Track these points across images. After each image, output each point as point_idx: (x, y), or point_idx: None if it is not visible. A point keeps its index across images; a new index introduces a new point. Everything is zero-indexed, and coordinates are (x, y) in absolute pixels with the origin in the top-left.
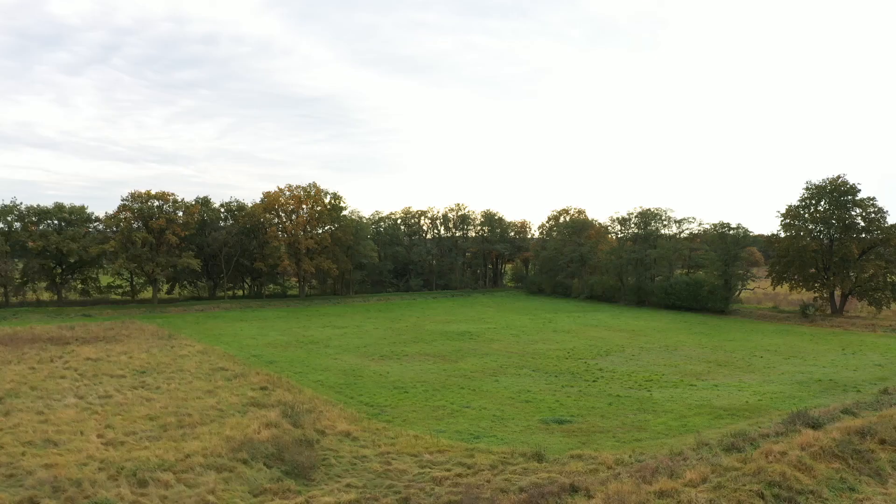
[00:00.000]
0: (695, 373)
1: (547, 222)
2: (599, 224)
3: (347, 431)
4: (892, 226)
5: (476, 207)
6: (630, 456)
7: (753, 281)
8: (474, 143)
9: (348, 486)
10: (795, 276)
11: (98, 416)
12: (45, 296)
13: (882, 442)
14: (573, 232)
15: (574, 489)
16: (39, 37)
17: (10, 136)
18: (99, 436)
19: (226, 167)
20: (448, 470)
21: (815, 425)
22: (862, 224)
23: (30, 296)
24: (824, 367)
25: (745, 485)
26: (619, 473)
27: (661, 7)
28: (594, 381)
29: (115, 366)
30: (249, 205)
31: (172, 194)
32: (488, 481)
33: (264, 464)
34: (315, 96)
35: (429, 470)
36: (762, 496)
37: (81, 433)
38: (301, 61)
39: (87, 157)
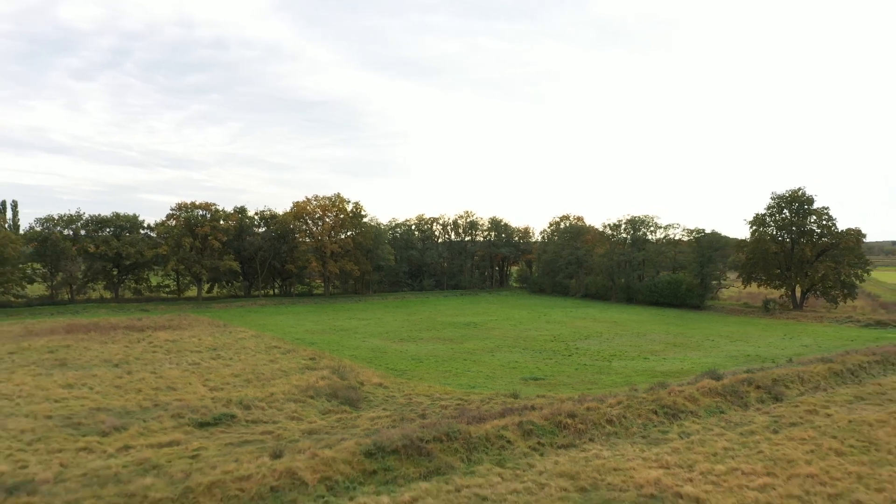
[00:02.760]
0: (652, 351)
1: (548, 227)
2: (597, 229)
3: (380, 383)
4: (841, 232)
5: (483, 213)
6: (578, 396)
7: (725, 280)
8: (481, 147)
9: (384, 409)
10: (762, 276)
11: (196, 374)
12: (104, 294)
13: (757, 387)
14: (571, 237)
15: (532, 408)
16: (50, 42)
17: (24, 141)
18: (203, 384)
19: (236, 171)
20: (451, 402)
21: (717, 378)
22: (817, 230)
23: (91, 294)
24: (759, 347)
25: (645, 406)
26: (566, 402)
27: (663, 9)
28: (570, 355)
29: (190, 345)
30: (263, 210)
31: (214, 204)
32: (478, 407)
33: (325, 399)
34: (323, 100)
35: (438, 401)
36: (655, 412)
37: (190, 384)
38: (309, 65)
39: (99, 161)
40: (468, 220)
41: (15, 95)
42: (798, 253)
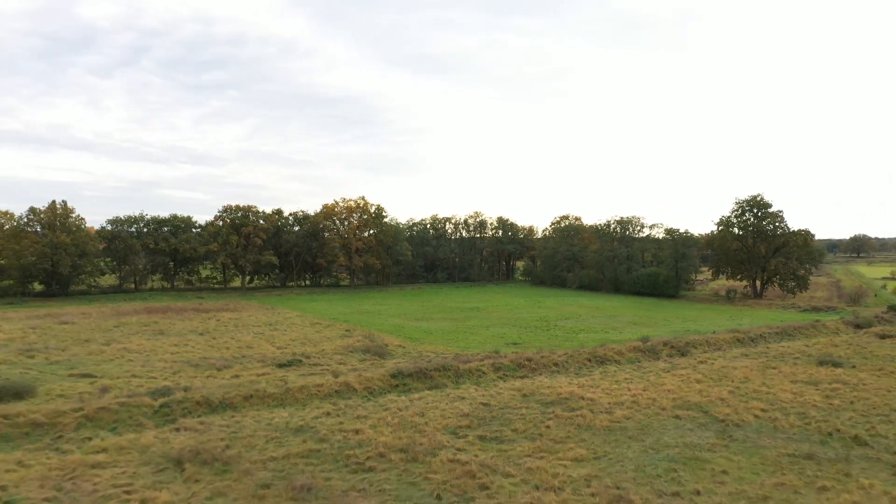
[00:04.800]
0: (614, 327)
1: (550, 226)
2: (593, 227)
3: (399, 344)
4: (791, 233)
5: (492, 212)
6: (539, 350)
7: (700, 273)
8: (494, 144)
9: (403, 358)
10: (728, 270)
11: (264, 339)
12: (163, 284)
13: (671, 347)
14: (568, 235)
15: (504, 356)
16: (70, 40)
17: (47, 138)
18: (271, 345)
19: (255, 168)
20: (450, 355)
21: (645, 341)
22: (771, 231)
23: (151, 284)
24: (702, 325)
25: (583, 356)
26: (528, 353)
27: (673, 6)
28: (548, 330)
29: (250, 321)
30: (297, 211)
31: (255, 206)
32: (467, 356)
33: (361, 353)
34: (341, 96)
35: (441, 355)
36: (589, 360)
37: (261, 344)
38: (326, 61)
39: (120, 158)
40: (478, 219)
41: (38, 93)
42: (756, 250)
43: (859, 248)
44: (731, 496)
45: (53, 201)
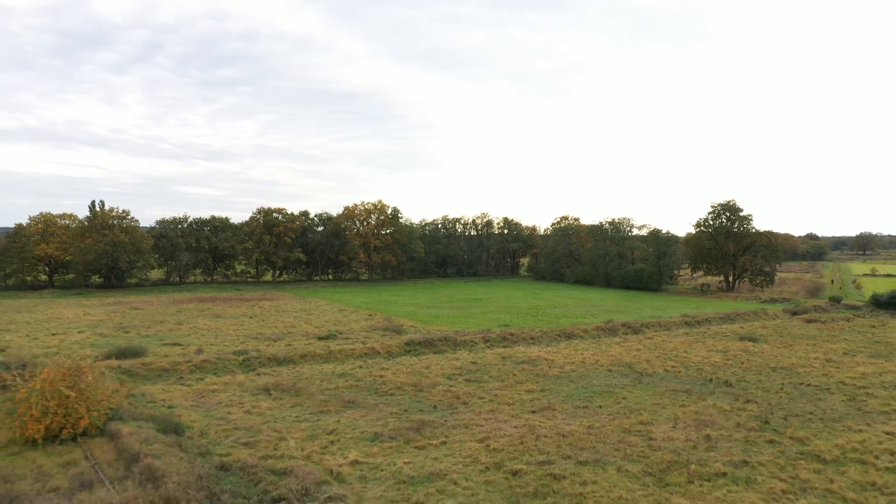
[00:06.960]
0: (593, 314)
1: (551, 226)
2: (590, 226)
3: (412, 325)
4: (756, 233)
5: (498, 213)
6: (519, 328)
7: (683, 268)
8: (501, 141)
9: (415, 334)
10: (704, 266)
11: (303, 320)
12: (200, 278)
13: (628, 327)
14: (566, 234)
15: (493, 332)
16: (84, 36)
17: (65, 134)
18: (309, 325)
19: (269, 164)
20: (451, 331)
21: (609, 323)
22: (741, 232)
23: (193, 278)
24: (665, 313)
25: (555, 332)
26: (510, 330)
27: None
28: (536, 315)
29: (287, 308)
30: (321, 213)
31: (284, 208)
32: (464, 333)
33: (382, 330)
34: (354, 92)
35: (444, 332)
36: (559, 335)
37: (302, 324)
38: (339, 57)
39: (137, 154)
40: (484, 220)
41: (54, 90)
42: (726, 249)
43: (864, 245)
44: (621, 407)
45: (93, 201)
